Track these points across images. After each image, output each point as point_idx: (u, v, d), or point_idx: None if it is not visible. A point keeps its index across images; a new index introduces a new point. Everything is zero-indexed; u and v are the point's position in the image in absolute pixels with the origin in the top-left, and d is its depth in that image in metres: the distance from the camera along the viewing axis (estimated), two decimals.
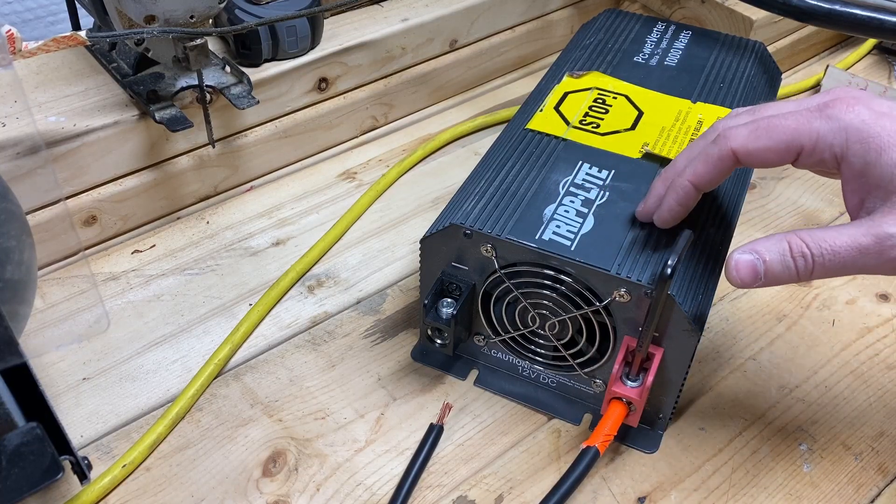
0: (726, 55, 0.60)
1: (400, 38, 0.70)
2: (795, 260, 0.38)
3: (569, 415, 0.50)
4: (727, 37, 0.62)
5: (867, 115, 0.38)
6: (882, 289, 0.59)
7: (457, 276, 0.48)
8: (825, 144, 0.38)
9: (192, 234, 0.62)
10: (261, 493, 0.46)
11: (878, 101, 0.39)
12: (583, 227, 0.45)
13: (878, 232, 0.36)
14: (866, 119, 0.37)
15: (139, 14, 0.50)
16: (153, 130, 0.59)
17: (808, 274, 0.38)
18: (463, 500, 0.46)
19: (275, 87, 0.64)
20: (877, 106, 0.38)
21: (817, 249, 0.37)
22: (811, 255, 0.38)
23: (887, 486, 0.48)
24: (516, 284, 0.46)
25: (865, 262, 0.37)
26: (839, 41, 0.88)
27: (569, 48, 0.62)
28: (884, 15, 0.58)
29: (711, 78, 0.57)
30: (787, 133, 0.39)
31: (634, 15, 0.65)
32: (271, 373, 0.52)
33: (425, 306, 0.47)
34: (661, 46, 0.60)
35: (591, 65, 0.58)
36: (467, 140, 0.73)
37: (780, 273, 0.39)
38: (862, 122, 0.37)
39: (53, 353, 0.52)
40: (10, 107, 0.55)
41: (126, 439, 0.48)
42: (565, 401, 0.50)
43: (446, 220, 0.46)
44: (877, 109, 0.38)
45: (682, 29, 0.63)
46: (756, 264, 0.39)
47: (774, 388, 0.53)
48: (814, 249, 0.38)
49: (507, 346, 0.50)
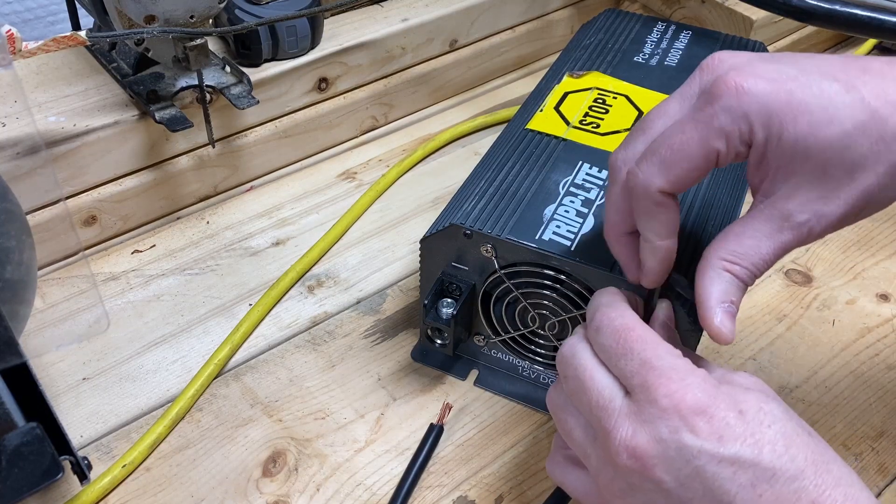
0: None
1: (400, 38, 0.70)
2: (746, 283, 0.36)
3: None
4: (727, 37, 0.62)
5: (759, 88, 0.33)
6: (882, 289, 0.59)
7: (457, 276, 0.48)
8: (735, 138, 0.34)
9: (192, 234, 0.62)
10: (261, 493, 0.46)
11: (762, 66, 0.34)
12: (583, 227, 0.45)
13: (792, 223, 0.34)
14: (759, 95, 0.33)
15: (139, 14, 0.50)
16: (153, 130, 0.59)
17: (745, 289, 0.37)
18: (463, 500, 0.46)
19: (275, 87, 0.64)
20: (762, 71, 0.34)
21: (754, 268, 0.36)
22: (752, 274, 0.36)
23: (887, 486, 0.48)
24: (516, 284, 0.46)
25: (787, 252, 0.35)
26: (839, 41, 0.88)
27: (569, 48, 0.62)
28: (884, 15, 0.58)
29: None
30: (698, 146, 0.34)
31: (634, 15, 0.65)
32: (271, 373, 0.52)
33: (425, 306, 0.47)
34: (661, 46, 0.60)
35: (591, 65, 0.58)
36: (467, 140, 0.73)
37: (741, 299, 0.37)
38: (756, 100, 0.33)
39: (53, 353, 0.52)
40: (10, 107, 0.55)
41: (126, 439, 0.48)
42: None
43: (446, 221, 0.46)
44: (764, 75, 0.33)
45: (683, 29, 0.63)
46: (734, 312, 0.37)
47: (774, 388, 0.52)
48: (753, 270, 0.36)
49: (507, 347, 0.50)
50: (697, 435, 0.31)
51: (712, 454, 0.31)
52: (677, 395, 0.32)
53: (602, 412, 0.34)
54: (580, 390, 0.36)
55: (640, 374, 0.33)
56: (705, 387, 0.32)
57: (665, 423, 0.32)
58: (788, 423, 0.32)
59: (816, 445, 0.32)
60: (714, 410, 0.32)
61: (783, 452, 0.31)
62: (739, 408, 0.32)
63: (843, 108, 0.33)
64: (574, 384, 0.36)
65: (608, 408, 0.34)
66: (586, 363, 0.36)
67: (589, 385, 0.35)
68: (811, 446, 0.32)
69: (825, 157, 0.33)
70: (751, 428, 0.31)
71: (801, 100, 0.33)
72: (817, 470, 0.31)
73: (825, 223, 0.34)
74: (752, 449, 0.31)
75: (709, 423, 0.31)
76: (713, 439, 0.31)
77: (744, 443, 0.31)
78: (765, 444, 0.31)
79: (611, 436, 0.33)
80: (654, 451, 0.32)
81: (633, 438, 0.32)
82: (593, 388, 0.35)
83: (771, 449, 0.31)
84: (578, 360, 0.36)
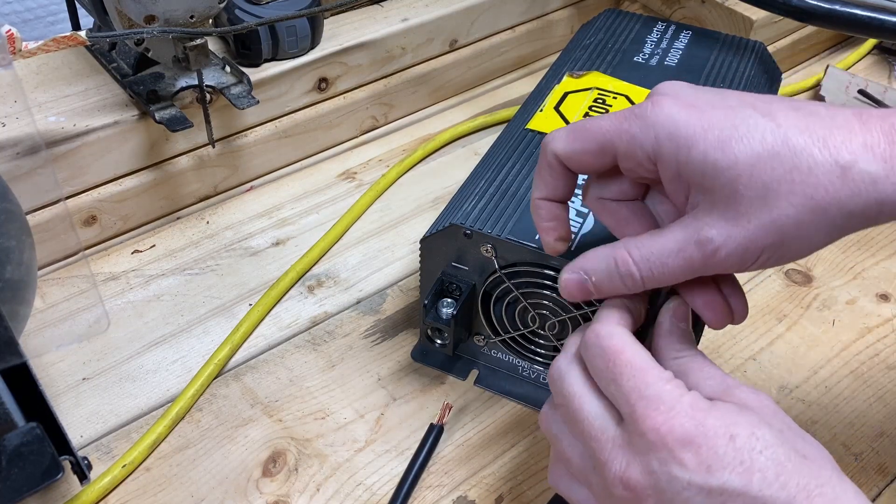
0: (726, 55, 0.60)
1: (400, 38, 0.70)
2: (623, 277, 0.36)
3: None
4: (727, 37, 0.62)
5: (675, 110, 0.34)
6: (882, 289, 0.59)
7: (457, 276, 0.48)
8: (637, 145, 0.35)
9: (192, 234, 0.62)
10: (261, 493, 0.46)
11: (689, 93, 0.35)
12: (583, 227, 0.45)
13: (700, 238, 0.34)
14: (673, 114, 0.34)
15: (139, 14, 0.50)
16: (153, 130, 0.59)
17: (640, 287, 0.37)
18: (463, 500, 0.46)
19: (275, 87, 0.64)
20: (686, 97, 0.35)
21: (645, 266, 0.36)
22: (639, 272, 0.36)
23: (887, 486, 0.48)
24: (516, 284, 0.46)
25: (695, 270, 0.35)
26: (839, 41, 0.88)
27: (569, 48, 0.62)
28: (884, 15, 0.58)
29: (711, 78, 0.57)
30: (600, 134, 0.36)
31: (635, 15, 0.65)
32: (271, 373, 0.52)
33: (425, 306, 0.47)
34: (661, 46, 0.60)
35: (591, 65, 0.58)
36: (467, 140, 0.73)
37: (613, 288, 0.37)
38: (668, 117, 0.34)
39: (53, 353, 0.52)
40: (10, 107, 0.55)
41: (126, 439, 0.48)
42: None
43: (446, 221, 0.46)
44: (685, 101, 0.35)
45: (683, 29, 0.63)
46: (584, 282, 0.37)
47: (774, 388, 0.53)
48: (642, 266, 0.36)
49: (507, 347, 0.50)
50: (685, 467, 0.31)
51: (700, 486, 0.31)
52: (664, 428, 0.32)
53: (595, 443, 0.34)
54: (573, 419, 0.36)
55: (629, 404, 0.33)
56: (693, 414, 0.32)
57: (655, 456, 0.32)
58: (780, 448, 0.32)
59: (810, 469, 0.32)
60: (702, 440, 0.32)
61: (773, 480, 0.31)
62: (731, 432, 0.32)
63: (755, 129, 0.32)
64: (566, 412, 0.36)
65: (601, 439, 0.34)
66: (577, 390, 0.36)
67: (581, 415, 0.35)
68: (804, 471, 0.31)
69: (734, 174, 0.32)
70: (741, 455, 0.31)
71: (713, 119, 0.33)
72: (809, 495, 0.31)
73: (732, 245, 0.33)
74: (741, 478, 0.31)
75: (696, 454, 0.31)
76: (701, 470, 0.31)
77: (732, 471, 0.31)
78: (755, 471, 0.31)
79: (605, 468, 0.33)
80: (647, 482, 0.32)
81: (627, 471, 0.33)
82: (585, 419, 0.35)
83: (761, 477, 0.31)
84: (569, 387, 0.36)
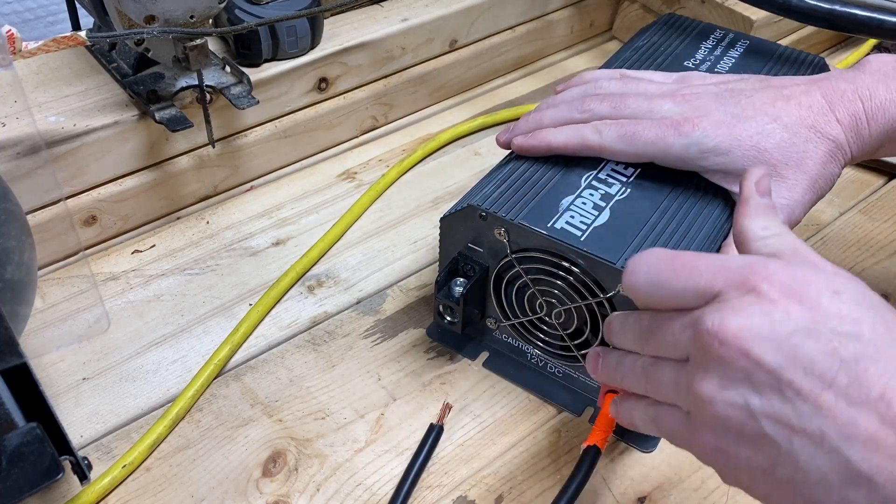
0: (780, 68, 0.59)
1: (400, 38, 0.70)
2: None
3: (571, 405, 0.51)
4: (787, 49, 0.61)
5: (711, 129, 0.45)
6: (882, 289, 0.59)
7: (472, 257, 0.49)
8: (675, 157, 0.46)
9: (192, 234, 0.62)
10: (261, 493, 0.46)
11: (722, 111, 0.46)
12: (597, 219, 0.45)
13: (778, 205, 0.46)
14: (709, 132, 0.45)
15: (139, 14, 0.50)
16: (153, 130, 0.59)
17: None
18: (463, 500, 0.46)
19: (275, 87, 0.64)
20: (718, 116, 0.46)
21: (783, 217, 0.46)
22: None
23: None
24: (526, 270, 0.47)
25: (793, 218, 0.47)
26: (839, 41, 0.88)
27: (622, 49, 0.62)
28: (884, 15, 0.58)
29: None
30: (644, 145, 0.46)
31: (693, 21, 0.64)
32: (271, 373, 0.52)
33: (438, 283, 0.48)
34: (714, 53, 0.60)
35: (639, 65, 0.58)
36: (467, 140, 0.73)
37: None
38: (705, 135, 0.45)
39: (53, 353, 0.52)
40: (10, 107, 0.55)
41: (126, 439, 0.48)
42: (569, 392, 0.51)
43: (465, 202, 0.47)
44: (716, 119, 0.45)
45: (741, 38, 0.62)
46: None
47: None
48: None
49: (515, 332, 0.51)
50: (790, 315, 0.30)
51: (809, 329, 0.30)
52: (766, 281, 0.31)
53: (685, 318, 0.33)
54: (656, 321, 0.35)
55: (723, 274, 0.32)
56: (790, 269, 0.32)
57: (758, 307, 0.31)
58: (888, 311, 0.31)
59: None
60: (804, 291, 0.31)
61: (883, 332, 0.29)
62: (835, 288, 0.31)
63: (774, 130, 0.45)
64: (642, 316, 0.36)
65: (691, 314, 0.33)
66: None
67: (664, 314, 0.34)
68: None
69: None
70: (847, 307, 0.30)
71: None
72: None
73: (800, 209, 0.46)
74: (853, 326, 0.29)
75: (800, 304, 0.30)
76: (806, 318, 0.30)
77: (842, 320, 0.30)
78: (864, 322, 0.30)
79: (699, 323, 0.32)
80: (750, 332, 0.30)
81: (723, 324, 0.31)
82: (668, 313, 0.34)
83: (871, 328, 0.29)
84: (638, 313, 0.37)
